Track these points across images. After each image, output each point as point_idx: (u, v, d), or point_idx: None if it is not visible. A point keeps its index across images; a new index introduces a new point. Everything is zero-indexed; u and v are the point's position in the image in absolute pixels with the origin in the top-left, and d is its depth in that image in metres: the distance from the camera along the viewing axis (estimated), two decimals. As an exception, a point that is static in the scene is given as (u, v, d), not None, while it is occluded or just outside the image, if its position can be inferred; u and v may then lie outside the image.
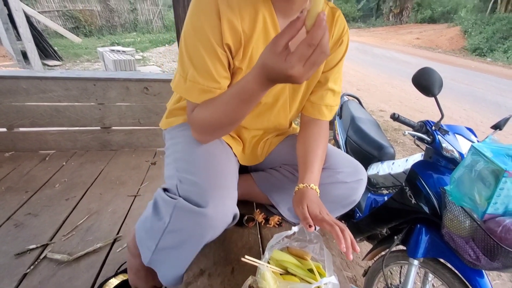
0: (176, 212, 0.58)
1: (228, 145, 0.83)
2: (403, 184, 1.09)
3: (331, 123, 2.06)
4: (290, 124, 0.93)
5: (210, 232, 0.60)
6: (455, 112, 4.39)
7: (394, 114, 1.05)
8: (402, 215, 1.09)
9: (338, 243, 0.55)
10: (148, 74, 1.81)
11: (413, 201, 1.03)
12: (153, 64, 7.21)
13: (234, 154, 0.85)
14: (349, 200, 0.79)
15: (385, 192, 1.42)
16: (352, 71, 7.00)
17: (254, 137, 0.88)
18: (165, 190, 0.64)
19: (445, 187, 0.89)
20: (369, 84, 5.95)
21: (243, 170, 0.93)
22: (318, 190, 0.69)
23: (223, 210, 0.61)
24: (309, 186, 0.68)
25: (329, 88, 0.76)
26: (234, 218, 0.66)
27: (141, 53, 8.62)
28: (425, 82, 0.98)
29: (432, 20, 17.66)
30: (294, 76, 0.46)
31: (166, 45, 10.35)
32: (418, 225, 1.02)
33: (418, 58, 9.42)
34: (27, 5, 9.40)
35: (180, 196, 0.60)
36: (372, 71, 7.16)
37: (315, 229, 0.61)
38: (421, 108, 4.46)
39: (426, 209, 0.98)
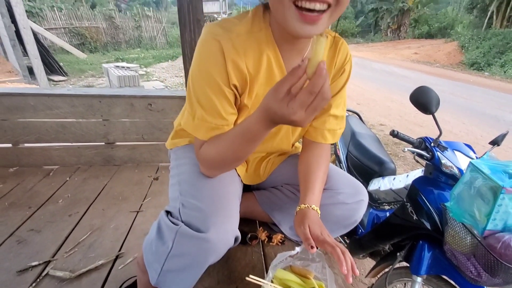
0: (178, 238, 0.60)
1: None
2: (404, 200, 1.10)
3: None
4: (292, 146, 0.95)
5: (212, 256, 0.61)
6: (454, 126, 4.42)
7: (393, 131, 1.07)
8: (404, 231, 1.09)
9: (340, 266, 0.56)
10: (152, 91, 1.86)
11: (415, 217, 1.03)
12: (156, 79, 7.35)
13: (238, 174, 0.87)
14: (350, 220, 0.80)
15: (387, 207, 1.42)
16: (352, 85, 7.11)
17: (256, 158, 0.90)
18: (168, 212, 0.67)
19: (445, 204, 0.90)
20: (368, 98, 6.02)
21: (246, 188, 0.94)
22: (319, 211, 0.70)
23: (225, 234, 0.62)
24: (310, 207, 0.69)
25: (332, 114, 0.77)
26: (236, 240, 0.67)
27: (144, 69, 8.80)
28: (423, 100, 1.00)
29: (429, 36, 18.04)
30: (297, 121, 0.48)
31: (169, 60, 10.58)
32: (421, 242, 1.02)
33: (417, 73, 9.56)
34: (34, 22, 9.70)
35: (182, 220, 0.62)
36: (372, 85, 7.26)
37: (316, 249, 0.62)
38: (420, 122, 4.50)
39: (427, 225, 0.98)
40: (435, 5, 18.79)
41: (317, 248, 0.62)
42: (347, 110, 2.08)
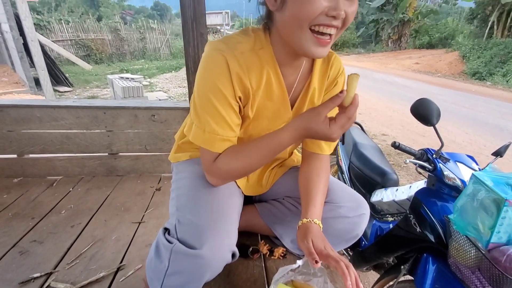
0: (174, 256, 0.62)
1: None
2: (407, 211, 1.09)
3: (334, 148, 2.08)
4: (290, 154, 0.95)
5: (208, 272, 0.62)
6: (457, 136, 4.40)
7: (394, 142, 1.08)
8: (408, 244, 1.08)
9: (344, 280, 0.57)
10: (156, 102, 1.89)
11: (418, 229, 1.02)
12: (160, 90, 7.44)
13: (238, 186, 0.87)
14: (352, 234, 0.79)
15: (390, 219, 1.41)
16: (354, 95, 7.14)
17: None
18: (166, 229, 0.69)
19: (449, 216, 0.89)
20: (370, 108, 6.04)
21: (247, 201, 0.94)
22: (321, 225, 0.71)
23: (220, 250, 0.63)
24: (313, 221, 0.70)
25: None
26: (233, 255, 0.68)
27: (148, 79, 8.92)
28: (423, 112, 1.01)
29: (430, 46, 18.18)
30: (334, 138, 0.60)
31: (173, 71, 10.73)
32: (425, 255, 1.01)
33: (419, 83, 9.59)
34: (42, 34, 9.94)
35: (178, 238, 0.64)
36: (373, 95, 7.29)
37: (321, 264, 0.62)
38: (423, 132, 4.49)
39: (431, 237, 0.97)
40: (435, 16, 18.98)
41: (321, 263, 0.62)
42: (349, 121, 2.09)
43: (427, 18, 18.89)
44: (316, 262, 0.61)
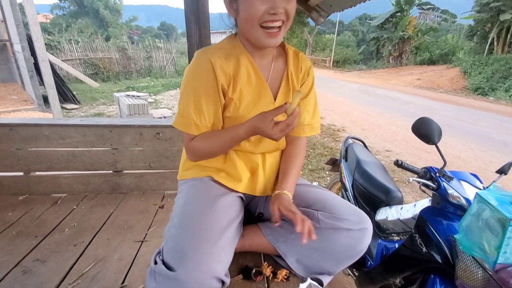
0: (157, 277, 0.65)
1: (234, 189, 0.87)
2: (413, 231, 1.08)
3: (338, 165, 2.08)
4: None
5: None
6: (462, 151, 4.37)
7: (397, 161, 1.08)
8: (414, 264, 1.06)
9: (295, 227, 0.71)
10: (161, 120, 1.92)
11: (424, 249, 1.01)
12: (164, 107, 7.56)
13: (242, 198, 0.89)
14: (355, 250, 0.79)
15: (396, 238, 1.39)
16: (356, 111, 7.19)
17: (257, 162, 0.92)
18: (160, 250, 0.72)
19: (454, 236, 0.88)
20: (373, 124, 6.05)
21: (250, 221, 0.95)
22: (290, 196, 0.84)
23: (197, 275, 0.63)
24: (283, 191, 0.83)
25: (306, 110, 0.92)
26: (223, 283, 0.69)
27: (153, 96, 9.10)
28: (424, 131, 1.02)
29: (431, 62, 18.43)
30: (275, 139, 0.74)
31: (177, 88, 10.95)
32: (432, 276, 0.99)
33: (421, 98, 9.65)
34: (52, 54, 10.29)
35: (163, 259, 0.68)
36: (376, 111, 7.33)
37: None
38: (427, 148, 4.45)
39: (438, 258, 0.96)
40: (435, 33, 19.38)
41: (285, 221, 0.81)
42: (351, 138, 2.10)
43: (427, 35, 19.27)
44: (276, 222, 0.78)
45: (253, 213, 0.98)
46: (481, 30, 14.25)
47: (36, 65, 5.80)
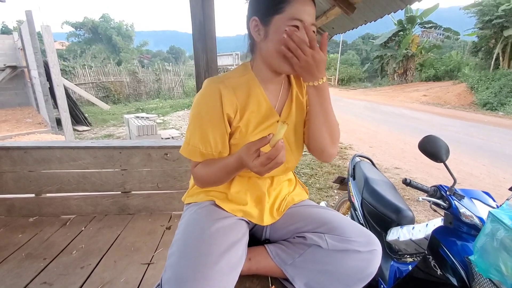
0: None
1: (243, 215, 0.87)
2: (426, 252, 1.04)
3: (346, 184, 2.06)
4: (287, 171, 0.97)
5: None
6: (474, 168, 4.26)
7: (405, 179, 1.07)
8: (429, 288, 1.02)
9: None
10: (169, 141, 1.96)
11: (439, 271, 0.97)
12: (172, 128, 7.70)
13: (247, 222, 0.88)
14: (365, 273, 0.76)
15: (409, 260, 1.34)
16: (363, 128, 7.16)
17: (267, 187, 0.91)
18: (159, 284, 0.71)
19: (469, 257, 0.85)
20: (381, 141, 6.00)
21: (256, 243, 0.93)
22: None
23: None
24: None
25: None
26: None
27: (162, 117, 9.30)
28: (431, 150, 1.01)
29: (436, 78, 18.44)
30: (257, 172, 0.68)
31: (185, 109, 11.17)
32: (449, 300, 0.94)
33: (428, 114, 9.58)
34: (66, 79, 10.75)
35: (161, 285, 0.67)
36: (383, 128, 7.29)
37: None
38: (437, 164, 4.37)
39: (454, 281, 0.92)
40: (439, 50, 19.54)
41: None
42: (359, 156, 2.09)
43: (431, 53, 19.44)
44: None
45: (259, 237, 0.97)
46: (485, 46, 14.33)
47: (51, 90, 6.05)
